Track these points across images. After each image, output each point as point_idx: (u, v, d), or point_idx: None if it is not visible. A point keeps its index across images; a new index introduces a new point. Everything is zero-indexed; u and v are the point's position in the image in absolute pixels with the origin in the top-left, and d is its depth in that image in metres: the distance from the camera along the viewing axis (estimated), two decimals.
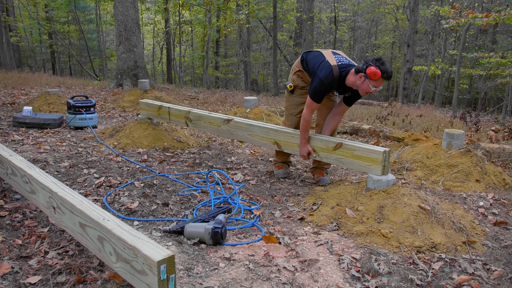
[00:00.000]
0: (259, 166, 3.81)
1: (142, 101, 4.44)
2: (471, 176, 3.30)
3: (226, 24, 15.55)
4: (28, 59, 22.10)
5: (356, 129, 5.84)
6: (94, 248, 1.71)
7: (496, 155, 3.93)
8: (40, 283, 1.77)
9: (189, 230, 2.24)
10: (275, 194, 3.06)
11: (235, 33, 21.16)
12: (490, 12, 7.10)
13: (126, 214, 2.56)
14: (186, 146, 4.41)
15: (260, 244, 2.22)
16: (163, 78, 22.20)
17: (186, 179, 3.32)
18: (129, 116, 6.46)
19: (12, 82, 9.66)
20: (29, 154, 3.81)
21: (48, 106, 6.12)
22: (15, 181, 2.43)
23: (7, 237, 2.17)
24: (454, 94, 11.47)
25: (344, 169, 3.81)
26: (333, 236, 2.35)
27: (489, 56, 10.45)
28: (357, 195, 2.68)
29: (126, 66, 9.21)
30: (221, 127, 3.61)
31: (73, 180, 3.13)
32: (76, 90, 9.40)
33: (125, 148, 4.16)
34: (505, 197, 3.07)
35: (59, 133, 4.87)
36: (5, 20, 14.24)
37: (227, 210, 2.61)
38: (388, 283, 1.89)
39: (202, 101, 8.76)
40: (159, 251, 1.40)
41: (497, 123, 8.14)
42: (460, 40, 13.72)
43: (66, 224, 1.90)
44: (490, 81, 16.09)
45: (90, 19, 22.27)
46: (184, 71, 24.16)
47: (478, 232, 2.40)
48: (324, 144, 2.92)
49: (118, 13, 9.06)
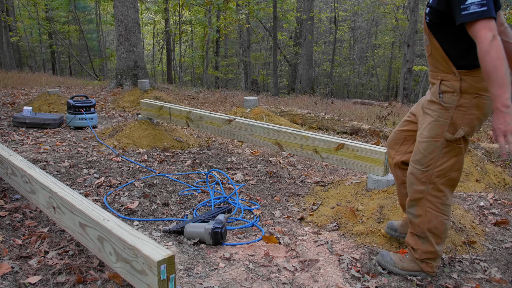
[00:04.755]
0: (259, 166, 3.81)
1: (143, 101, 4.44)
2: (471, 176, 3.30)
3: (226, 24, 15.55)
4: (28, 59, 22.09)
5: (356, 129, 5.84)
6: (94, 248, 1.71)
7: (496, 155, 3.93)
8: (40, 283, 1.77)
9: (189, 230, 2.24)
10: (275, 194, 3.06)
11: (235, 33, 21.17)
12: None
13: (126, 214, 2.56)
14: (186, 146, 4.41)
15: (260, 244, 2.22)
16: (163, 78, 22.21)
17: (186, 179, 3.32)
18: (129, 116, 6.46)
19: (12, 82, 9.66)
20: (29, 154, 3.81)
21: (48, 106, 6.12)
22: (15, 181, 2.43)
23: (7, 237, 2.17)
24: None
25: (344, 169, 3.81)
26: (333, 236, 2.35)
27: None
28: (357, 195, 2.68)
29: (126, 66, 9.21)
30: (222, 127, 3.61)
31: (73, 180, 3.13)
32: (76, 90, 9.40)
33: (125, 148, 4.16)
34: (505, 197, 3.07)
35: (59, 133, 4.87)
36: (5, 20, 14.24)
37: (227, 210, 2.61)
38: (388, 283, 1.89)
39: (202, 101, 8.76)
40: (159, 251, 1.40)
41: None
42: None
43: (66, 224, 1.90)
44: None
45: (90, 19, 22.28)
46: (184, 71, 24.16)
47: (478, 232, 2.40)
48: (326, 144, 2.91)
49: (118, 13, 9.06)
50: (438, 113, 1.76)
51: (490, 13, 1.49)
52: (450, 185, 1.82)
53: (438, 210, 1.83)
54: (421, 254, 1.89)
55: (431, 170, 1.79)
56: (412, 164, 1.86)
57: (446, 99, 1.73)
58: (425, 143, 1.80)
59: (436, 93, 1.76)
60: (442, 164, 1.78)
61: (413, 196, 1.86)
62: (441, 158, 1.77)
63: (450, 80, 1.72)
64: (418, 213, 1.86)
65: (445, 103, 1.73)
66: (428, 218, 1.83)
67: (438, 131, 1.76)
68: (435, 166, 1.78)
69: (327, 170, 3.81)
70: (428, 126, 1.79)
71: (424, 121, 1.84)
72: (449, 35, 1.70)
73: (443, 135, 1.75)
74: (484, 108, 1.70)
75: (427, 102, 1.85)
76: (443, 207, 1.83)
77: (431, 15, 1.72)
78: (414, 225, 1.90)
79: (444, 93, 1.74)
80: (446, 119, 1.74)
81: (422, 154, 1.81)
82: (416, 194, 1.85)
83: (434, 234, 1.85)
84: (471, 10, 1.51)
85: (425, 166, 1.80)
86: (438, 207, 1.83)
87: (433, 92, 1.79)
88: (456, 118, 1.72)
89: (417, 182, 1.84)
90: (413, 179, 1.85)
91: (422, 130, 1.84)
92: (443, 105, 1.74)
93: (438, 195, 1.81)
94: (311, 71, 16.59)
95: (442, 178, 1.79)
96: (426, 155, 1.79)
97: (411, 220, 1.91)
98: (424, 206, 1.83)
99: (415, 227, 1.89)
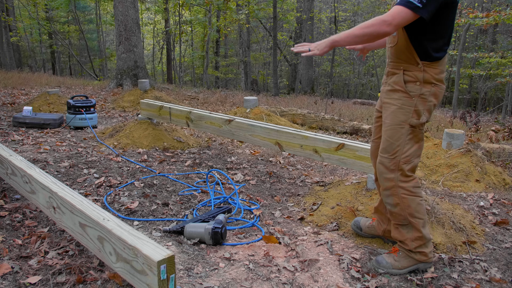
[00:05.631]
0: (259, 166, 3.81)
1: (143, 101, 4.44)
2: (471, 176, 3.30)
3: (226, 24, 15.55)
4: (28, 59, 22.09)
5: (356, 129, 5.84)
6: (94, 248, 1.71)
7: (496, 155, 3.93)
8: (40, 283, 1.77)
9: (189, 230, 2.24)
10: (275, 194, 3.06)
11: (235, 33, 21.16)
12: (490, 12, 7.09)
13: (126, 214, 2.56)
14: (186, 146, 4.41)
15: (260, 244, 2.22)
16: (163, 78, 22.21)
17: (186, 179, 3.32)
18: (129, 116, 6.46)
19: (12, 82, 9.66)
20: (29, 154, 3.81)
21: (48, 106, 6.12)
22: (15, 181, 2.43)
23: (7, 237, 2.17)
24: (454, 94, 11.47)
25: (344, 169, 3.81)
26: (333, 236, 2.35)
27: (489, 56, 10.44)
28: (357, 195, 2.68)
29: (126, 66, 9.21)
30: (222, 127, 3.61)
31: (73, 180, 3.13)
32: (76, 90, 9.40)
33: (125, 148, 4.16)
34: (505, 197, 3.07)
35: (59, 133, 4.87)
36: (5, 20, 14.24)
37: (227, 210, 2.61)
38: (388, 283, 1.89)
39: (202, 101, 8.76)
40: (159, 251, 1.40)
41: (497, 123, 8.14)
42: (460, 40, 13.73)
43: (66, 224, 1.90)
44: (490, 81, 16.09)
45: (90, 19, 22.27)
46: (184, 71, 24.16)
47: (478, 232, 2.40)
48: (326, 144, 2.91)
49: (118, 13, 9.05)
50: (402, 100, 1.86)
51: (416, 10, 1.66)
52: (413, 171, 1.93)
53: (412, 193, 1.91)
54: (411, 244, 1.94)
55: (398, 157, 1.88)
56: (381, 154, 1.95)
57: (410, 88, 1.85)
58: (390, 131, 1.89)
59: (401, 81, 1.86)
60: (408, 150, 1.88)
61: (384, 185, 1.94)
62: (406, 144, 1.88)
63: (413, 70, 1.84)
64: (395, 202, 1.93)
65: (410, 91, 1.84)
66: (406, 204, 1.91)
67: (403, 118, 1.86)
68: (402, 153, 1.88)
69: (327, 170, 3.81)
70: (392, 114, 1.89)
71: (387, 110, 1.93)
72: (416, 28, 1.79)
73: (408, 121, 1.85)
74: (439, 96, 1.87)
75: (386, 92, 1.94)
76: (415, 190, 1.92)
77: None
78: (395, 215, 1.96)
79: (407, 83, 1.85)
80: (410, 106, 1.85)
81: (388, 142, 1.90)
82: (387, 183, 1.92)
83: (415, 217, 1.91)
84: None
85: (392, 154, 1.89)
86: (411, 190, 1.91)
87: (396, 81, 1.89)
88: (419, 105, 1.85)
89: (386, 171, 1.92)
90: (382, 168, 1.94)
91: (385, 119, 1.93)
92: (409, 93, 1.84)
93: (407, 180, 1.91)
94: (311, 71, 16.59)
95: (408, 164, 1.89)
96: (393, 142, 1.89)
97: (391, 211, 1.97)
98: (399, 193, 1.91)
99: (397, 217, 1.96)
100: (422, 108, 1.84)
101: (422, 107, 1.84)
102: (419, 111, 1.84)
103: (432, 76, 1.82)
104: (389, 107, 1.91)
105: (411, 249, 1.94)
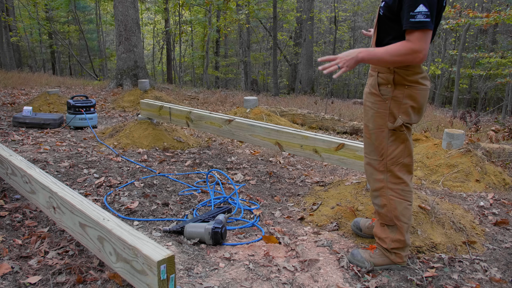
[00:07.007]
0: (259, 166, 3.81)
1: (143, 101, 4.44)
2: (471, 176, 3.30)
3: (226, 24, 15.55)
4: (28, 59, 22.09)
5: (356, 129, 5.84)
6: (94, 248, 1.71)
7: (496, 155, 3.93)
8: (40, 283, 1.77)
9: (189, 230, 2.24)
10: (275, 194, 3.06)
11: (235, 33, 21.16)
12: (490, 12, 7.10)
13: (126, 214, 2.56)
14: (186, 146, 4.41)
15: (260, 244, 2.22)
16: (163, 78, 22.20)
17: (186, 179, 3.32)
18: (129, 116, 6.46)
19: (12, 82, 9.66)
20: (29, 154, 3.81)
21: (48, 106, 6.12)
22: (15, 181, 2.43)
23: (7, 237, 2.17)
24: (454, 94, 11.48)
25: (344, 169, 3.81)
26: (333, 236, 2.35)
27: (489, 56, 10.45)
28: (357, 195, 2.68)
29: (126, 66, 9.21)
30: (222, 127, 3.61)
31: (73, 180, 3.13)
32: (76, 90, 9.40)
33: (125, 148, 4.16)
34: (505, 197, 3.07)
35: (59, 133, 4.87)
36: (5, 20, 14.23)
37: (227, 210, 2.61)
38: (388, 283, 1.89)
39: (202, 101, 8.76)
40: (159, 251, 1.40)
41: (497, 123, 8.14)
42: (460, 40, 13.73)
43: (66, 224, 1.90)
44: (490, 81, 16.09)
45: (90, 19, 22.26)
46: (184, 71, 24.16)
47: (478, 232, 2.40)
48: (326, 144, 2.91)
49: (118, 13, 9.06)
50: (377, 104, 1.88)
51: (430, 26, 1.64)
52: (406, 170, 1.92)
53: (400, 196, 1.91)
54: (390, 243, 1.95)
55: (385, 159, 1.90)
56: (367, 155, 1.97)
57: (383, 90, 1.85)
58: (374, 135, 1.91)
59: (376, 85, 1.87)
60: (392, 151, 1.88)
61: (374, 186, 1.95)
62: (390, 147, 1.88)
63: (384, 72, 1.84)
64: (383, 203, 1.94)
65: (383, 95, 1.84)
66: (393, 206, 1.91)
67: (381, 122, 1.88)
68: (388, 155, 1.89)
69: (327, 170, 3.81)
70: (371, 119, 1.91)
71: (367, 114, 1.94)
72: (393, 30, 1.79)
73: (387, 125, 1.86)
74: (416, 97, 1.82)
75: (366, 95, 1.95)
76: (404, 193, 1.92)
77: (385, 9, 1.80)
78: (382, 216, 1.97)
79: (380, 85, 1.86)
80: (385, 110, 1.86)
81: (374, 145, 1.92)
82: (377, 184, 1.94)
83: (401, 221, 1.92)
84: (417, 19, 1.63)
85: (379, 156, 1.91)
86: (400, 193, 1.91)
87: (372, 84, 1.90)
88: (393, 108, 1.84)
89: (375, 172, 1.93)
90: (371, 169, 1.95)
91: (366, 122, 1.95)
92: (382, 96, 1.85)
93: (397, 182, 1.91)
94: (311, 71, 16.58)
95: (396, 165, 1.89)
96: (378, 145, 1.90)
97: (378, 212, 1.99)
98: (387, 195, 1.92)
99: (383, 217, 1.97)
100: (396, 111, 1.82)
101: (396, 110, 1.82)
102: (394, 113, 1.83)
103: (403, 78, 1.79)
104: (368, 111, 1.93)
105: (388, 249, 1.97)
